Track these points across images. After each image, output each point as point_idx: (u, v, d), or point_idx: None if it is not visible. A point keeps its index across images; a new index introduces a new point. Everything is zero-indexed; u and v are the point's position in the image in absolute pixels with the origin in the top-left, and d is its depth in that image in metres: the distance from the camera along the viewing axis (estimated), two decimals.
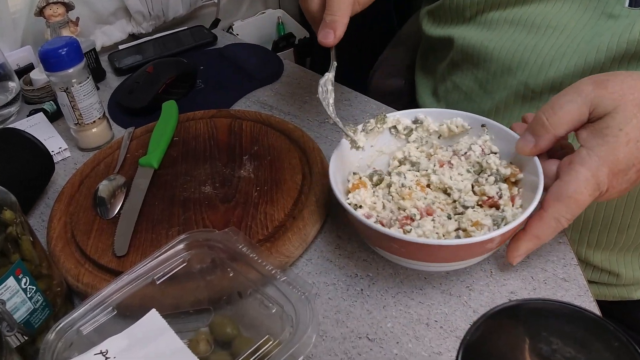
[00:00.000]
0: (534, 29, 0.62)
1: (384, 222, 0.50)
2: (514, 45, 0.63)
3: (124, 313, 0.44)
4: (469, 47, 0.68)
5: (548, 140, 0.47)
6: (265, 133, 0.69)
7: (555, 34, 0.60)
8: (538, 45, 0.61)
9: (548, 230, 0.46)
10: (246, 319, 0.46)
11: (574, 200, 0.45)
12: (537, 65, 0.61)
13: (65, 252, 0.56)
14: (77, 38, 0.70)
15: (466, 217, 0.49)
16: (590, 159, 0.44)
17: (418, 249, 0.46)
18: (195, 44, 0.96)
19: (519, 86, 0.63)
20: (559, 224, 0.46)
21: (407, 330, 0.48)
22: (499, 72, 0.65)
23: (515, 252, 0.48)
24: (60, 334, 0.42)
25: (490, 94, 0.68)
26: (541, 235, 0.47)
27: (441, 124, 0.57)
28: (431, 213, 0.51)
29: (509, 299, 0.50)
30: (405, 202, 0.52)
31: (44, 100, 0.83)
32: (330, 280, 0.53)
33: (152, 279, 0.46)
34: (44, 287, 0.48)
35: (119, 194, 0.62)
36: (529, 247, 0.48)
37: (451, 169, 0.54)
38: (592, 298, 0.49)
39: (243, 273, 0.47)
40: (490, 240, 0.45)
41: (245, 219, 0.57)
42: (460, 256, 0.47)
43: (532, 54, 0.61)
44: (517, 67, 0.63)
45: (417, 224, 0.49)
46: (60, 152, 0.73)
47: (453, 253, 0.46)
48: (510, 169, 0.51)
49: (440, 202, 0.52)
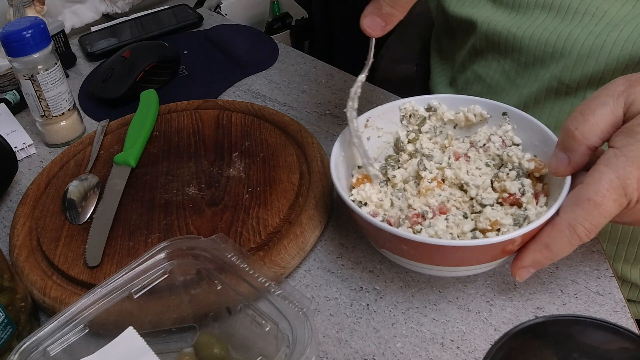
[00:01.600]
0: (569, 15, 0.61)
1: (391, 221, 0.51)
2: (546, 32, 0.62)
3: (97, 331, 0.44)
4: (494, 34, 0.67)
5: (583, 154, 0.45)
6: (258, 126, 0.69)
7: (594, 21, 0.60)
8: (573, 34, 0.61)
9: (561, 240, 0.43)
10: (236, 338, 0.46)
11: (593, 204, 0.42)
12: (573, 57, 0.61)
13: (30, 262, 0.56)
14: (43, 18, 0.70)
15: (484, 216, 0.49)
16: (617, 159, 0.42)
17: (429, 251, 0.46)
18: (178, 25, 0.96)
19: (551, 80, 0.63)
20: (574, 234, 0.43)
21: (420, 351, 0.48)
22: (530, 64, 0.65)
23: (519, 262, 0.46)
24: (25, 355, 0.42)
25: (518, 88, 0.67)
26: (552, 245, 0.44)
27: (457, 112, 0.57)
28: (445, 212, 0.51)
29: (535, 316, 0.50)
30: (422, 199, 0.52)
31: (5, 89, 0.83)
32: (331, 294, 0.53)
33: (129, 293, 0.46)
34: (6, 302, 0.48)
35: (91, 196, 0.62)
36: (537, 258, 0.45)
37: (468, 162, 0.54)
38: (629, 314, 0.49)
39: (232, 286, 0.47)
40: (511, 241, 0.44)
41: (235, 225, 0.57)
42: (477, 259, 0.47)
43: (566, 44, 0.61)
44: (550, 59, 0.62)
45: (428, 223, 0.49)
46: (24, 149, 0.73)
47: (468, 255, 0.46)
48: (535, 163, 0.51)
49: (456, 199, 0.52)
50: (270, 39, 0.91)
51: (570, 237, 0.43)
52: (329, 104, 0.76)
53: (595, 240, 0.54)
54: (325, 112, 0.75)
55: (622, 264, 0.65)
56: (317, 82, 0.80)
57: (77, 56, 0.92)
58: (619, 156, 0.42)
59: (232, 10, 1.24)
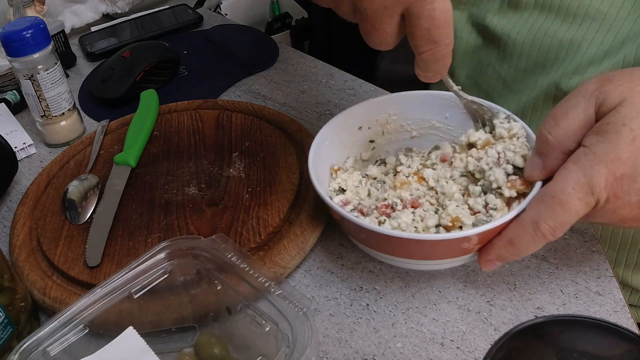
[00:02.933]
0: (568, 18, 0.61)
1: (364, 210, 0.52)
2: (547, 38, 0.62)
3: (97, 331, 0.44)
4: (493, 37, 0.67)
5: (556, 159, 0.44)
6: (258, 127, 0.69)
7: (595, 25, 0.59)
8: (575, 41, 0.60)
9: (524, 237, 0.43)
10: (236, 338, 0.46)
11: (558, 201, 0.41)
12: (574, 64, 0.60)
13: (30, 262, 0.56)
14: (43, 19, 0.70)
15: (446, 213, 0.49)
16: (585, 158, 0.41)
17: (383, 241, 0.47)
18: (178, 25, 0.96)
19: (550, 87, 0.62)
20: (537, 231, 0.42)
21: (420, 351, 0.48)
22: (530, 70, 0.64)
23: (485, 255, 0.46)
24: (25, 355, 0.42)
25: (516, 94, 0.67)
26: (516, 242, 0.44)
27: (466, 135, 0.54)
28: (417, 206, 0.51)
29: (535, 316, 0.50)
30: (397, 191, 0.53)
31: (5, 89, 0.83)
32: (331, 294, 0.53)
33: (129, 293, 0.46)
34: (6, 302, 0.48)
35: (91, 196, 0.62)
36: (501, 253, 0.45)
37: (450, 166, 0.53)
38: (629, 315, 0.49)
39: (232, 286, 0.47)
40: (466, 239, 0.45)
41: (235, 225, 0.57)
42: (435, 254, 0.47)
43: (569, 52, 0.60)
44: (551, 65, 0.62)
45: (395, 215, 0.50)
46: (24, 149, 0.73)
47: (425, 249, 0.46)
48: (515, 190, 0.48)
49: (432, 195, 0.53)
50: (270, 39, 0.91)
51: (534, 234, 0.43)
52: (329, 104, 0.76)
53: (595, 240, 0.54)
54: (325, 112, 0.75)
55: (622, 269, 0.65)
56: (317, 82, 0.80)
57: (77, 56, 0.92)
58: (588, 154, 0.41)
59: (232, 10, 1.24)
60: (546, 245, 0.54)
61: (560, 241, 0.55)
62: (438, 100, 0.57)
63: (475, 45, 0.70)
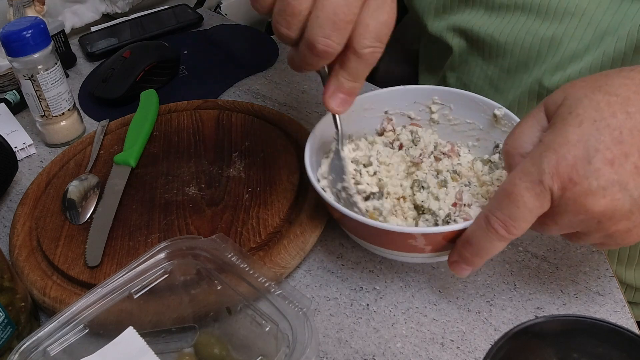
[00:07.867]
0: (549, 16, 0.61)
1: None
2: (529, 36, 0.62)
3: (97, 331, 0.44)
4: (477, 40, 0.67)
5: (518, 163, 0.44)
6: (258, 127, 0.69)
7: (574, 21, 0.60)
8: (556, 37, 0.61)
9: (478, 232, 0.43)
10: (236, 338, 0.46)
11: (505, 192, 0.41)
12: (555, 61, 0.61)
13: (30, 262, 0.56)
14: (43, 19, 0.70)
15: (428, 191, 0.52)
16: (535, 149, 0.41)
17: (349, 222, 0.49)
18: (178, 25, 0.96)
19: (533, 84, 0.63)
20: (489, 226, 0.42)
21: (420, 351, 0.48)
22: (513, 69, 0.65)
23: (450, 257, 0.46)
24: (25, 355, 0.42)
25: (502, 94, 0.67)
26: (471, 239, 0.43)
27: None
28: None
29: (535, 316, 0.50)
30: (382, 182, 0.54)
31: (5, 89, 0.83)
32: (331, 294, 0.53)
33: (129, 293, 0.46)
34: (6, 302, 0.48)
35: (91, 196, 0.62)
36: (462, 254, 0.45)
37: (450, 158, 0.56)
38: (630, 314, 0.49)
39: (232, 286, 0.47)
40: (411, 236, 0.45)
41: (235, 225, 0.57)
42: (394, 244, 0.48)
43: (550, 49, 0.61)
44: (534, 63, 0.63)
45: (380, 203, 0.51)
46: (24, 149, 0.73)
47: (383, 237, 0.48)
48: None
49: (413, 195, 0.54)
50: (270, 39, 0.91)
51: (487, 230, 0.42)
52: None
53: None
54: (325, 112, 0.75)
55: (616, 265, 0.65)
56: (317, 82, 0.80)
57: (77, 56, 0.92)
58: (538, 145, 0.41)
59: (232, 10, 1.24)
60: (546, 245, 0.54)
61: (560, 241, 0.55)
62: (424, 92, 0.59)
63: (462, 50, 0.71)
